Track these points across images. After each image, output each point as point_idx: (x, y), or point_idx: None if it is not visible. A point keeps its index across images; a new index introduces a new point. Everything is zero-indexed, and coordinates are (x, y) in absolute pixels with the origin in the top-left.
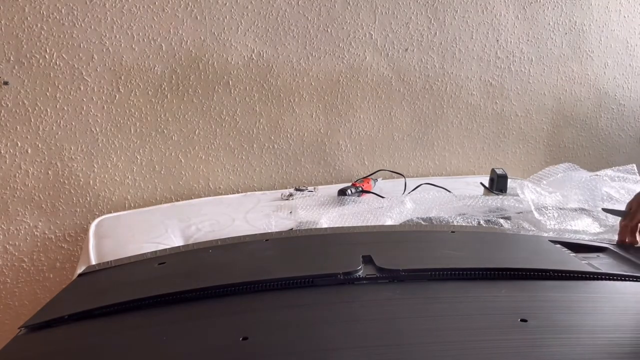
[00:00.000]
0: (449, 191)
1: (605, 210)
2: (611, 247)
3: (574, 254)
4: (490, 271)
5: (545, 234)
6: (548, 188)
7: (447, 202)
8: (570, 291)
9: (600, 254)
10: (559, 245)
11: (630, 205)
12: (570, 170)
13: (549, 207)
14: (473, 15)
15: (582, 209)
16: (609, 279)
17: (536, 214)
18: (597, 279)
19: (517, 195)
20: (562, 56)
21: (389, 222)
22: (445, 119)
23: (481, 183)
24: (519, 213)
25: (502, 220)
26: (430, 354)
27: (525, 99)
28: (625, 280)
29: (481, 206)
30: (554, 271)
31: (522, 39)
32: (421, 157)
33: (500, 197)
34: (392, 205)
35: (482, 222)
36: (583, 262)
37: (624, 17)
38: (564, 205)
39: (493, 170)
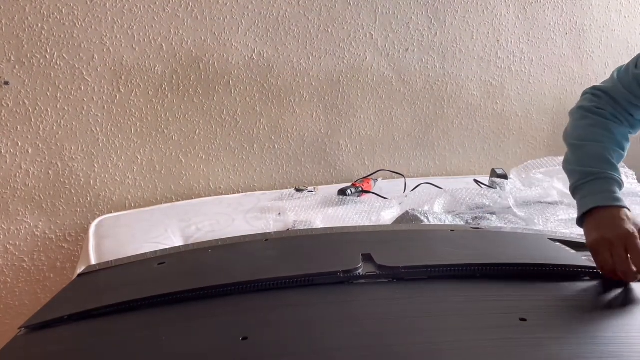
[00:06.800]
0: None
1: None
2: None
3: (574, 252)
4: (490, 267)
5: (545, 230)
6: (533, 178)
7: (435, 196)
8: (570, 290)
9: None
10: (558, 244)
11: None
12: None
13: (531, 202)
14: (474, 16)
15: (562, 202)
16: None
17: (515, 211)
18: (597, 277)
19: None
20: (562, 56)
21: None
22: (445, 119)
23: (475, 180)
24: (507, 208)
25: (488, 215)
26: (430, 353)
27: (525, 99)
28: None
29: (469, 203)
30: (554, 266)
31: (523, 39)
32: (421, 157)
33: (487, 193)
34: (384, 207)
35: (469, 219)
36: (583, 258)
37: (625, 17)
38: (544, 199)
39: (493, 171)
